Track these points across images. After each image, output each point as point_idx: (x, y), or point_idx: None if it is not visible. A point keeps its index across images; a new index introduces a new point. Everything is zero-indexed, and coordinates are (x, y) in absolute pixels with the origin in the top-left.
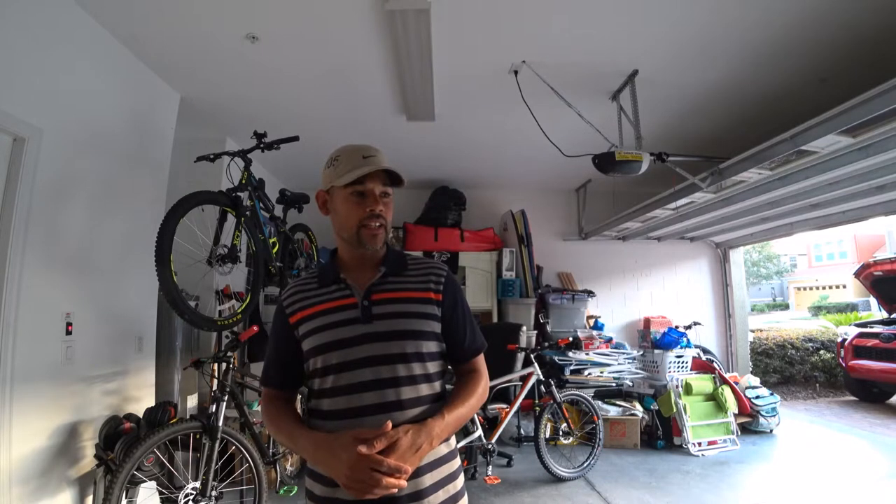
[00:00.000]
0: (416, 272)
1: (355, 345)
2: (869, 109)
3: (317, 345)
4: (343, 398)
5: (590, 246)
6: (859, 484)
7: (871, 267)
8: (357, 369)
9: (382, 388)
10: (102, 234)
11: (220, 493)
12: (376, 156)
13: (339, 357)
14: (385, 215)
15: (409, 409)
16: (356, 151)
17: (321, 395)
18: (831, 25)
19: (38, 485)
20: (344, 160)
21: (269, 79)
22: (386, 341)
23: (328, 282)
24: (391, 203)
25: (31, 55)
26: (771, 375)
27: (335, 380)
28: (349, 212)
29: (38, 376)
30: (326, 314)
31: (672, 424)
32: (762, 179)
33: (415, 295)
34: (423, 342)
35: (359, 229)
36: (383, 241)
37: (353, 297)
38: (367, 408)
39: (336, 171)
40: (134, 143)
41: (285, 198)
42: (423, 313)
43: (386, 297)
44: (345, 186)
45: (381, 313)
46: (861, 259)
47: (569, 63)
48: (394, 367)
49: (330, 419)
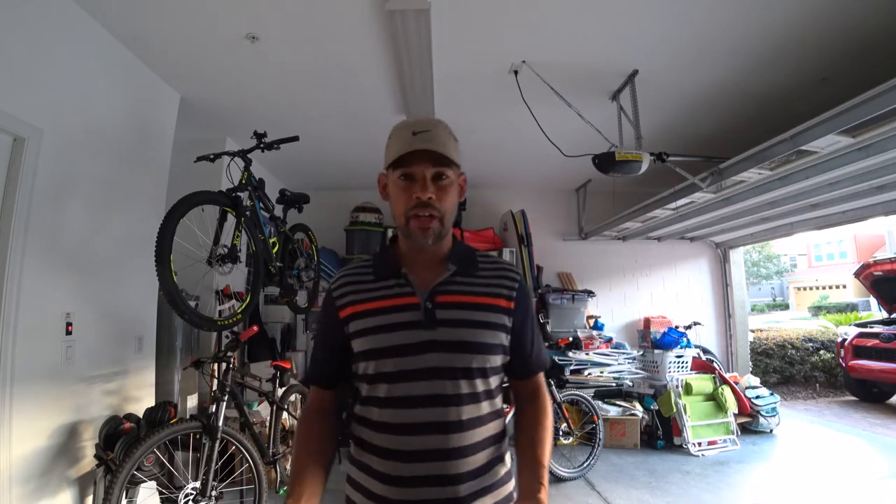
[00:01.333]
0: (487, 274)
1: (416, 353)
2: (869, 109)
3: (370, 348)
4: (396, 411)
5: (590, 246)
6: (859, 484)
7: (871, 267)
8: (415, 381)
9: (444, 405)
10: (102, 234)
11: (220, 493)
12: (430, 131)
13: (396, 365)
14: (439, 203)
15: (470, 429)
16: (408, 127)
17: (370, 402)
18: (831, 25)
19: (38, 485)
20: (395, 138)
21: (269, 79)
22: (451, 352)
23: (386, 274)
24: (451, 188)
25: (31, 55)
26: (771, 375)
27: (389, 390)
28: (398, 198)
29: (38, 376)
30: (383, 313)
31: (672, 424)
32: (762, 179)
33: (485, 301)
34: (490, 356)
35: (407, 220)
36: (437, 235)
37: (415, 297)
38: (424, 426)
39: (388, 152)
40: (134, 143)
41: (285, 198)
42: (493, 323)
43: (453, 300)
44: (394, 169)
45: (447, 319)
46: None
47: (569, 63)
48: (457, 383)
49: (381, 432)
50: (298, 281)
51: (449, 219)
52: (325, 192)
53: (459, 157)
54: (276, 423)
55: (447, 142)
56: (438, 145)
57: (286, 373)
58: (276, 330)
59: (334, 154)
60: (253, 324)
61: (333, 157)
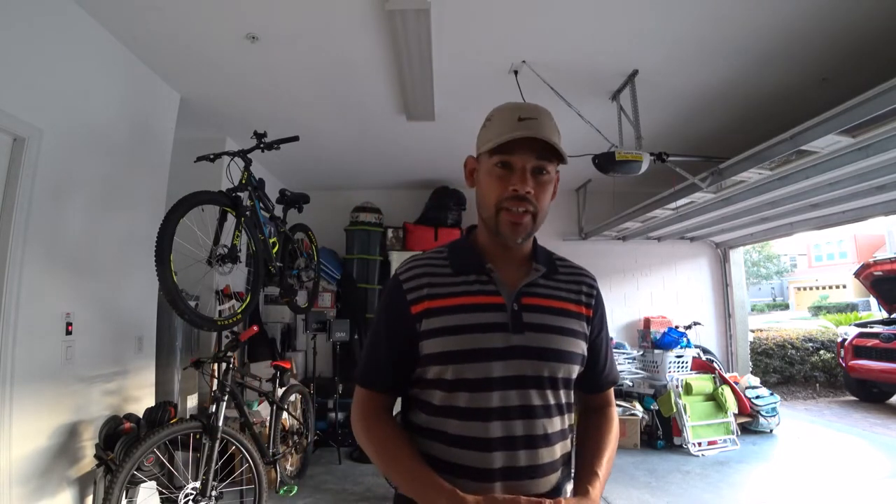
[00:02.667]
0: (567, 279)
1: (502, 358)
2: (869, 109)
3: (449, 350)
4: (478, 424)
5: (590, 246)
6: (859, 484)
7: (871, 267)
8: (501, 390)
9: (532, 417)
10: (102, 234)
11: (220, 493)
12: (537, 119)
13: (479, 371)
14: (536, 199)
15: (553, 444)
16: (513, 111)
17: (446, 413)
18: (831, 25)
19: (38, 485)
20: (496, 121)
21: (268, 79)
22: (538, 360)
23: (467, 269)
24: (549, 185)
25: (31, 55)
26: (771, 375)
27: (470, 399)
28: (489, 187)
29: (38, 376)
30: (465, 311)
31: (672, 424)
32: (762, 179)
33: (568, 307)
34: (573, 366)
35: (497, 212)
36: (528, 234)
37: (500, 297)
38: (511, 440)
39: (486, 134)
40: (134, 143)
41: (285, 198)
42: (576, 331)
43: (538, 303)
44: (490, 154)
45: (533, 323)
46: (861, 259)
47: (569, 63)
48: (543, 393)
49: (460, 447)
50: (298, 281)
51: (542, 218)
52: (325, 192)
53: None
54: (276, 423)
55: (553, 134)
56: (546, 135)
57: (286, 373)
58: (276, 330)
59: (334, 154)
60: (253, 324)
61: (333, 157)
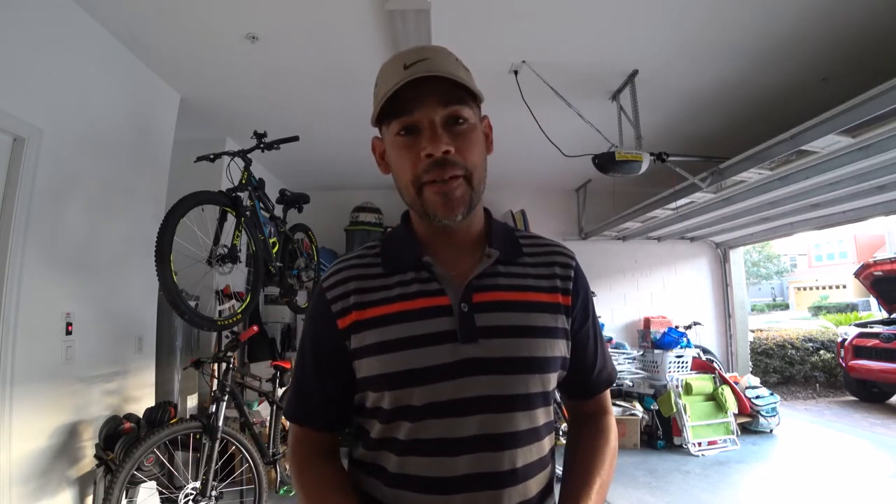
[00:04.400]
0: (535, 260)
1: (452, 377)
2: (869, 109)
3: (384, 372)
4: (424, 460)
5: (590, 246)
6: (859, 484)
7: (871, 267)
8: (452, 416)
9: (493, 450)
10: (102, 234)
11: (220, 493)
12: (428, 58)
13: (424, 396)
14: (462, 156)
15: (527, 479)
16: (397, 60)
17: (385, 447)
18: (831, 25)
19: (38, 485)
20: (382, 79)
21: (269, 79)
22: (500, 374)
23: (401, 266)
24: (473, 134)
25: (30, 55)
26: (771, 375)
27: (412, 430)
28: (399, 162)
29: (38, 376)
30: (401, 321)
31: (672, 424)
32: (762, 179)
33: (538, 298)
34: (549, 375)
35: (419, 189)
36: (466, 205)
37: (445, 297)
38: (464, 479)
39: (375, 101)
40: (134, 143)
41: (285, 198)
42: (550, 328)
43: (496, 298)
44: (388, 123)
45: (490, 327)
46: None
47: (569, 63)
48: (512, 417)
49: (399, 487)
50: (298, 281)
51: (479, 179)
52: (325, 192)
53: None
54: (276, 423)
55: (457, 69)
56: (445, 71)
57: (286, 373)
58: (276, 330)
59: (334, 154)
60: (253, 324)
61: (333, 157)
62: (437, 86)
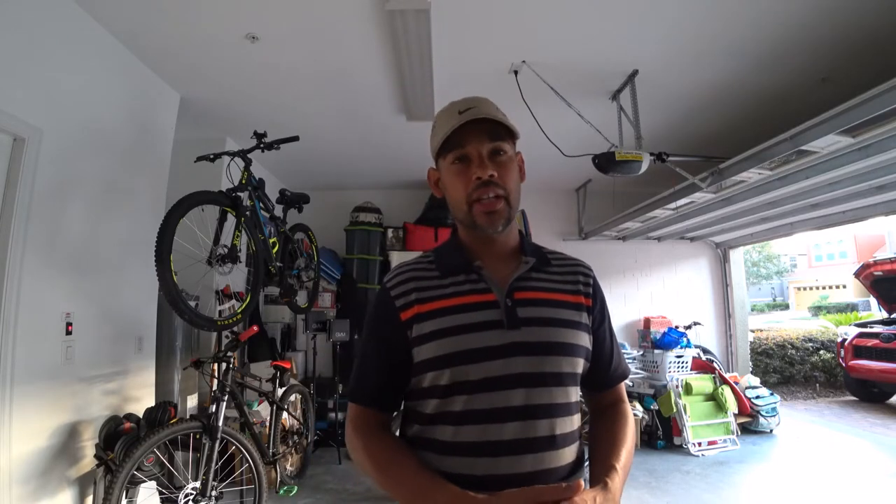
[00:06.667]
0: (561, 269)
1: (501, 356)
2: (869, 109)
3: (444, 353)
4: (476, 428)
5: (590, 246)
6: (859, 484)
7: (871, 267)
8: (501, 390)
9: (535, 418)
10: (102, 234)
11: (220, 493)
12: (476, 106)
13: (478, 371)
14: (502, 180)
15: (563, 447)
16: (451, 108)
17: (440, 420)
18: (831, 25)
19: (38, 485)
20: (440, 123)
21: (269, 78)
22: (539, 355)
23: (454, 270)
24: (511, 164)
25: (30, 55)
26: (771, 375)
27: (467, 402)
28: (454, 185)
29: (38, 376)
30: (457, 312)
31: (672, 424)
32: (762, 179)
33: (565, 298)
34: (577, 359)
35: (470, 206)
36: (505, 220)
37: (492, 294)
38: (511, 444)
39: (434, 139)
40: (134, 143)
41: (285, 198)
42: (576, 322)
43: (532, 296)
44: (445, 156)
45: (529, 318)
46: (861, 259)
47: (569, 63)
48: (549, 391)
49: (453, 454)
50: (298, 281)
51: (515, 200)
52: (325, 192)
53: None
54: (276, 423)
55: (497, 113)
56: (490, 114)
57: (286, 373)
58: (276, 330)
59: (334, 154)
60: (253, 324)
61: (333, 157)
62: (484, 126)
